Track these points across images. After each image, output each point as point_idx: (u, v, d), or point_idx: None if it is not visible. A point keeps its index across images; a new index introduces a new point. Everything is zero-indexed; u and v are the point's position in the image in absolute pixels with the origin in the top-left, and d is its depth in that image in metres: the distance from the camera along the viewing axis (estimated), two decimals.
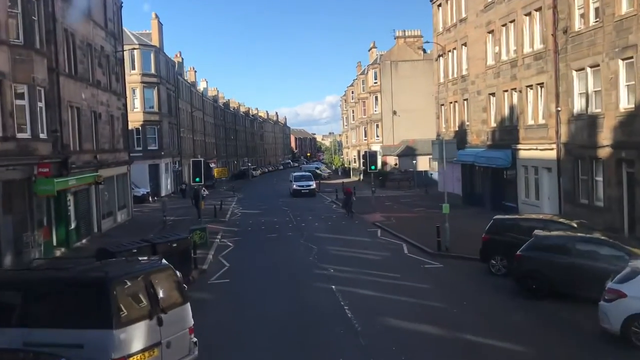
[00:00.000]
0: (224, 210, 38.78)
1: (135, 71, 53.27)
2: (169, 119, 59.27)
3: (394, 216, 31.54)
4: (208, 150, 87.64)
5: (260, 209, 40.02)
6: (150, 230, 31.30)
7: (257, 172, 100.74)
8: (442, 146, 19.90)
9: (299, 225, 30.07)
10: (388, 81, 68.95)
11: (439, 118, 40.29)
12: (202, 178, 26.95)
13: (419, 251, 20.72)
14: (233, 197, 51.93)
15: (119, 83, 37.62)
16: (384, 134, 69.33)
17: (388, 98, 68.90)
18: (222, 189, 63.48)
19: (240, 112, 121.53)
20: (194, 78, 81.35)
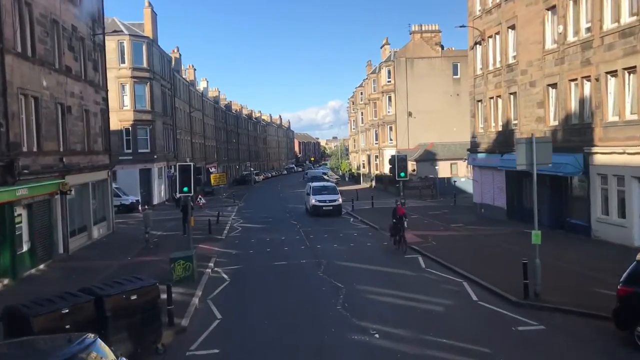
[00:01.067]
0: (222, 223, 32.48)
1: (125, 65, 47.14)
2: (164, 119, 53.07)
3: (430, 235, 25.22)
4: (208, 154, 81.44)
5: (265, 222, 33.69)
6: (130, 250, 25.09)
7: (259, 178, 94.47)
8: (531, 147, 13.53)
9: (314, 247, 23.74)
10: (403, 80, 62.69)
11: (475, 117, 33.97)
12: (191, 187, 20.67)
13: (493, 297, 14.33)
14: (233, 205, 45.65)
15: (99, 73, 31.42)
16: (398, 137, 63.04)
17: (403, 98, 62.64)
18: (221, 196, 57.22)
19: (243, 114, 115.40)
20: (193, 77, 75.23)
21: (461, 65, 62.69)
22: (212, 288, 16.69)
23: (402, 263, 19.45)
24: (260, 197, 55.64)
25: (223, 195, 58.26)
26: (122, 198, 43.83)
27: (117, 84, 46.77)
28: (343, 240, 25.37)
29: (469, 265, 17.62)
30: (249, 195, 60.41)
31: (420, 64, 62.85)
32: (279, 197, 53.07)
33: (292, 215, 36.44)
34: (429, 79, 62.59)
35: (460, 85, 62.69)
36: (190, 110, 68.85)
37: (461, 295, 14.70)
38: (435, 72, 62.69)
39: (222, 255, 22.55)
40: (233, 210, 41.49)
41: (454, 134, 60.97)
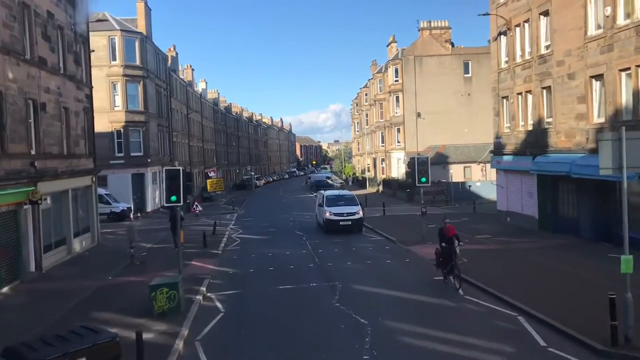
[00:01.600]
0: (219, 234, 29.11)
1: (116, 62, 43.88)
2: (159, 120, 49.80)
3: None
4: (207, 157, 78.17)
5: (266, 232, 30.30)
6: (113, 267, 21.82)
7: (260, 182, 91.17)
8: (620, 146, 10.16)
9: (324, 265, 20.35)
10: (411, 79, 59.38)
11: (499, 115, 30.57)
12: (181, 196, 17.44)
13: (566, 341, 10.89)
14: (232, 212, 42.31)
15: (81, 67, 28.10)
16: (406, 139, 59.68)
17: (411, 98, 59.32)
18: (220, 202, 53.90)
19: (243, 117, 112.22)
20: (191, 77, 72.00)
21: (472, 64, 59.53)
22: (202, 323, 13.33)
23: (434, 288, 16.06)
24: (262, 204, 52.32)
25: (222, 202, 54.96)
26: (113, 205, 40.54)
27: (107, 83, 43.57)
28: (357, 256, 21.97)
29: (520, 292, 14.24)
30: (249, 201, 57.06)
31: (429, 62, 59.57)
32: (282, 204, 49.73)
33: (297, 224, 33.05)
34: (439, 78, 59.30)
35: (471, 84, 59.46)
36: (188, 112, 65.61)
37: (522, 337, 11.30)
38: (446, 71, 59.40)
39: (217, 276, 19.19)
40: (232, 219, 38.15)
41: (465, 135, 57.74)
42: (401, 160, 60.33)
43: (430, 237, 24.33)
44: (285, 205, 47.96)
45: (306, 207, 43.84)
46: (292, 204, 49.01)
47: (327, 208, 28.67)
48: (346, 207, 28.75)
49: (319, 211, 31.03)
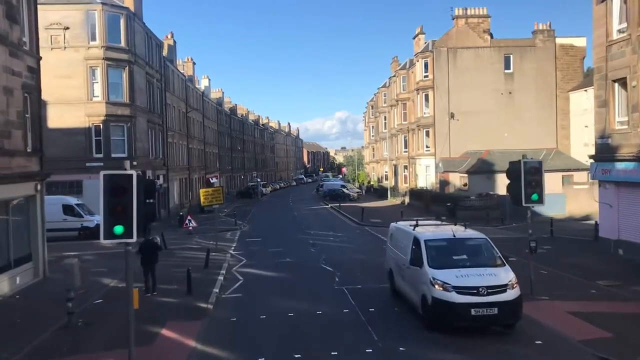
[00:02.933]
0: (213, 268, 20.25)
1: (95, 42, 35.30)
2: (149, 115, 41.17)
3: (597, 313, 13.02)
4: (209, 162, 69.55)
5: (281, 265, 21.20)
6: (40, 328, 13.23)
7: (267, 189, 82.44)
8: None
9: (391, 347, 11.41)
10: (443, 74, 50.69)
11: (608, 105, 21.66)
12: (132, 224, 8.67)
13: None
14: (234, 229, 33.51)
15: (19, 26, 19.43)
16: (436, 143, 50.92)
17: (443, 96, 50.60)
18: (220, 215, 45.13)
19: (249, 120, 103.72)
20: (192, 72, 63.48)
21: (514, 58, 50.84)
22: None
23: None
24: (270, 217, 43.41)
25: (222, 214, 46.20)
26: (85, 218, 31.85)
27: (84, 68, 35.01)
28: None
29: None
30: (255, 213, 48.22)
31: (464, 56, 50.87)
32: (294, 218, 40.85)
33: (321, 251, 23.87)
34: (475, 73, 50.60)
35: (513, 81, 50.74)
36: (187, 110, 57.04)
37: None
38: (483, 66, 50.72)
39: None
40: (234, 238, 29.37)
41: (505, 141, 48.96)
42: (431, 167, 51.53)
43: (545, 287, 15.48)
44: (299, 220, 39.12)
45: (327, 225, 35.06)
46: (307, 218, 40.20)
47: (435, 273, 12.24)
48: (480, 272, 12.30)
49: (402, 272, 14.45)
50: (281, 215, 43.74)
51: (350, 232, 29.94)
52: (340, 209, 45.19)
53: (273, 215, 44.31)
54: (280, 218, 41.34)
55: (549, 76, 50.83)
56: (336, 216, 41.03)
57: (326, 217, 40.79)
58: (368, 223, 34.14)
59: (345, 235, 28.87)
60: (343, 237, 28.29)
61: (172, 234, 32.15)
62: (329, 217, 40.78)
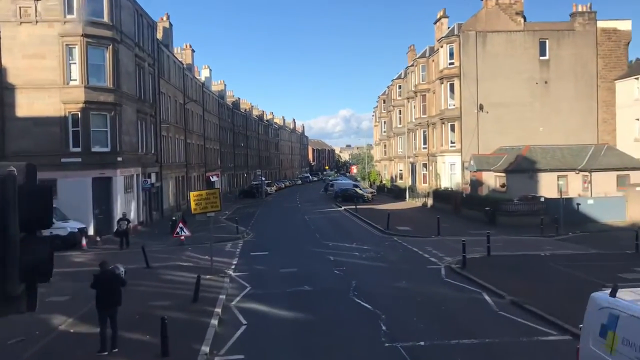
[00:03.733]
0: (204, 301, 14.53)
1: (73, 16, 29.67)
2: (139, 104, 35.56)
3: None
4: (209, 158, 64.00)
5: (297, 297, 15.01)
6: None
7: (272, 189, 76.79)
8: None
9: None
10: (471, 61, 44.95)
11: None
12: None
13: None
14: (236, 239, 27.79)
15: None
16: (463, 138, 45.19)
17: (471, 86, 44.88)
18: (221, 218, 39.54)
19: (253, 115, 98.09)
20: (191, 60, 57.79)
21: (551, 43, 45.08)
22: None
23: None
24: (277, 221, 37.61)
25: (223, 217, 40.58)
26: (57, 225, 26.18)
27: (59, 46, 29.40)
28: None
29: None
30: (260, 216, 42.52)
31: (495, 40, 45.12)
32: (305, 223, 35.00)
33: (348, 275, 17.57)
34: (507, 60, 44.92)
35: (549, 69, 44.99)
36: (185, 101, 51.42)
37: None
38: (516, 52, 44.99)
39: None
40: (234, 251, 23.68)
41: (540, 136, 43.34)
42: (456, 165, 45.81)
43: None
44: (311, 225, 33.31)
45: (346, 233, 29.33)
46: (321, 223, 34.46)
47: None
48: None
49: None
50: (290, 219, 38.01)
51: (377, 245, 24.25)
52: (357, 212, 39.51)
53: (280, 220, 38.59)
54: (289, 223, 35.60)
55: (589, 64, 45.03)
56: (354, 221, 35.32)
57: (342, 222, 35.07)
58: (395, 231, 28.44)
59: (373, 248, 23.18)
60: (370, 251, 22.61)
61: (161, 244, 26.59)
62: (345, 222, 35.08)
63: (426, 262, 19.67)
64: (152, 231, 33.09)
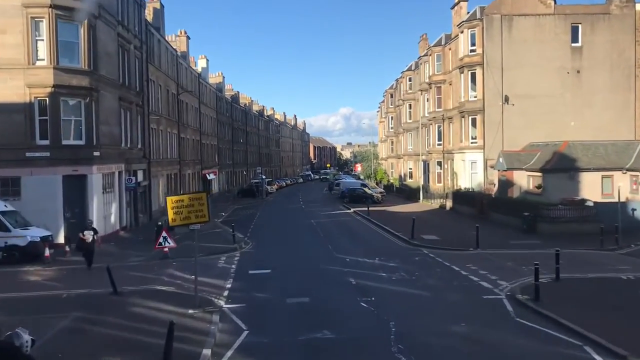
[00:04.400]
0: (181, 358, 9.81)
1: None
2: (121, 91, 30.70)
3: None
4: (206, 155, 59.30)
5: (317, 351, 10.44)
6: None
7: (272, 187, 71.99)
8: None
9: None
10: (496, 47, 40.18)
11: None
12: None
13: None
14: (231, 250, 22.91)
15: None
16: (486, 133, 40.42)
17: (495, 75, 40.10)
18: (217, 221, 34.79)
19: (253, 110, 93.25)
20: (186, 47, 52.91)
21: (584, 28, 40.29)
22: None
23: None
24: (280, 227, 32.57)
25: (219, 220, 35.86)
26: (13, 233, 21.58)
27: (24, 19, 24.58)
28: None
29: None
30: (260, 219, 37.68)
31: (522, 25, 40.33)
32: (314, 230, 29.81)
33: (380, 309, 12.73)
34: (535, 47, 40.17)
35: (581, 57, 40.22)
36: (179, 91, 46.60)
37: None
38: (545, 37, 40.21)
39: None
40: (228, 273, 18.61)
41: (571, 130, 38.64)
42: (478, 163, 41.05)
43: None
44: (320, 232, 28.33)
45: (364, 243, 24.35)
46: (331, 230, 29.57)
47: None
48: None
49: None
50: (294, 224, 33.15)
51: (406, 260, 19.40)
52: (370, 215, 34.73)
53: (284, 224, 33.74)
54: (294, 229, 30.74)
55: (627, 51, 40.24)
56: (369, 227, 30.43)
57: (356, 228, 30.20)
58: (421, 241, 23.63)
59: (402, 266, 18.37)
60: (400, 269, 17.79)
61: (141, 256, 21.82)
62: (359, 228, 30.21)
63: (479, 290, 14.90)
64: (136, 237, 28.33)
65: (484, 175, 40.30)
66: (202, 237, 27.79)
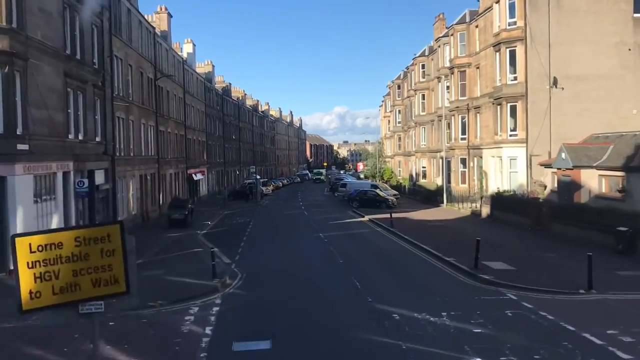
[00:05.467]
0: None
1: None
2: (67, 65, 22.56)
3: None
4: (193, 152, 51.39)
5: None
6: None
7: (268, 188, 64.08)
8: None
9: None
10: (542, 19, 32.54)
11: None
12: None
13: None
14: (210, 292, 14.91)
15: None
16: (529, 124, 32.79)
17: (541, 53, 32.45)
18: (198, 235, 26.98)
19: (247, 104, 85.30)
20: (167, 27, 44.82)
21: None
22: None
23: None
24: (281, 247, 23.68)
25: (200, 233, 28.08)
26: None
27: None
28: None
29: None
30: (253, 230, 29.68)
31: None
32: (325, 250, 21.74)
33: None
34: (589, 19, 32.64)
35: None
36: (157, 76, 38.61)
37: None
38: (602, 7, 32.67)
39: None
40: (198, 343, 10.86)
41: (634, 119, 31.20)
42: (519, 160, 33.44)
43: None
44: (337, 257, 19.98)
45: (408, 279, 16.17)
46: (349, 250, 21.73)
47: None
48: None
49: None
50: (298, 240, 25.09)
51: (495, 319, 11.26)
52: (394, 226, 26.92)
53: (284, 240, 25.74)
54: (299, 249, 22.64)
55: None
56: (401, 246, 22.25)
57: (384, 248, 22.05)
58: (488, 272, 15.85)
59: (497, 332, 10.55)
60: (498, 343, 10.05)
61: None
62: (389, 248, 22.03)
63: None
64: None
65: (527, 174, 32.68)
66: (171, 261, 19.93)
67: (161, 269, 18.23)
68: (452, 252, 19.01)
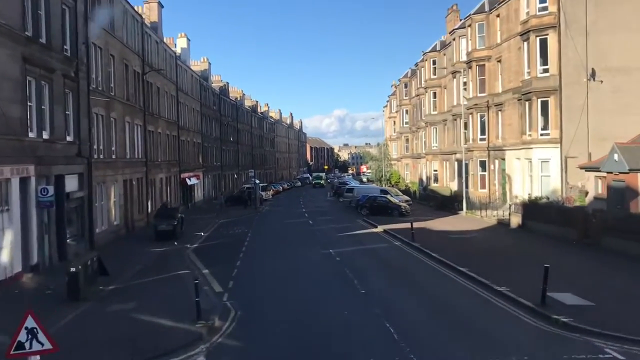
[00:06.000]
0: None
1: None
2: (26, 49, 18.56)
3: None
4: (187, 155, 47.49)
5: None
6: None
7: (268, 193, 60.17)
8: None
9: None
10: (579, 3, 28.76)
11: None
12: None
13: None
14: (191, 343, 11.05)
15: None
16: (564, 121, 28.93)
17: (577, 43, 28.59)
18: (188, 249, 23.09)
19: (245, 105, 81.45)
20: (157, 18, 40.86)
21: None
22: None
23: None
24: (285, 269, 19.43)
25: (191, 247, 24.15)
26: None
27: None
28: None
29: None
30: (251, 244, 25.68)
31: None
32: (336, 268, 18.00)
33: None
34: (632, 3, 28.85)
35: None
36: (145, 70, 34.71)
37: None
38: None
39: None
40: None
41: None
42: (551, 163, 29.55)
43: None
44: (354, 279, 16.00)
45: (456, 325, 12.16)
46: (368, 273, 17.72)
47: None
48: None
49: None
50: (305, 260, 21.05)
51: None
52: (416, 240, 23.01)
53: (288, 258, 21.64)
54: (308, 272, 18.61)
55: None
56: (433, 269, 18.04)
57: (413, 272, 17.92)
58: (561, 311, 11.93)
59: None
60: None
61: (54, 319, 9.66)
62: (419, 272, 17.87)
63: None
64: (47, 285, 16.52)
65: (562, 178, 28.79)
66: (148, 289, 15.94)
67: (133, 300, 14.30)
68: (500, 278, 15.09)
